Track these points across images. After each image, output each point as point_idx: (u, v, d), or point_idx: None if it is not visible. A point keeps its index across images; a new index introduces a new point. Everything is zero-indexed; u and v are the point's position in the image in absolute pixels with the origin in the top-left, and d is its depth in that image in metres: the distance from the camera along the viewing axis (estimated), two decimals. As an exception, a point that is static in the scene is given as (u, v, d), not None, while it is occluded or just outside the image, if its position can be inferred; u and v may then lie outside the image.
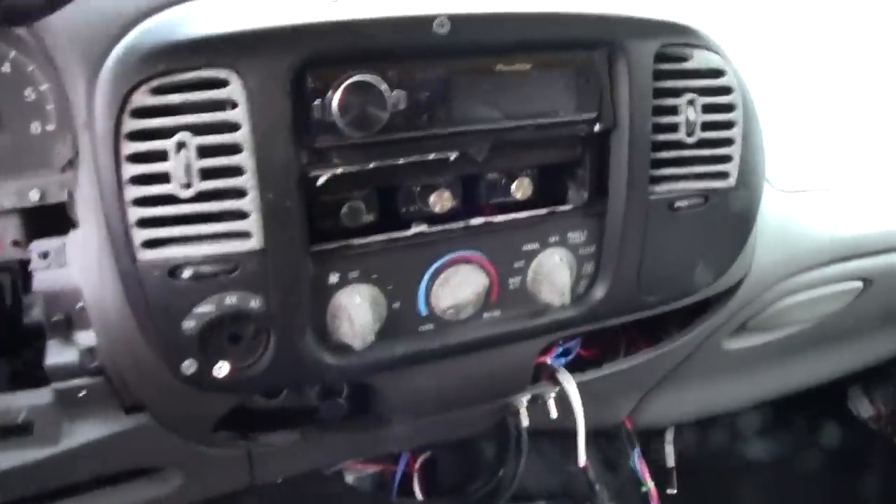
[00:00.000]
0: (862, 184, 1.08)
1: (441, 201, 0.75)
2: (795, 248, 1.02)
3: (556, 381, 1.01)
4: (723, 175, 0.83)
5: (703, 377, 1.20)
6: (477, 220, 0.77)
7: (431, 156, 0.71)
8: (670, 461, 1.38)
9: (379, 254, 0.73)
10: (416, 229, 0.75)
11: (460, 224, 0.76)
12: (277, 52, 0.63)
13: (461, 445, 1.25)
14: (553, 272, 0.78)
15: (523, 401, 1.01)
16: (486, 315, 0.79)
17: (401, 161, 0.70)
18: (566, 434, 1.08)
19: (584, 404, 1.01)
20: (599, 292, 0.82)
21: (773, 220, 0.99)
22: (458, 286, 0.75)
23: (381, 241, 0.73)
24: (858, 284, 1.12)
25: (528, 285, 0.79)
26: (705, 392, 1.25)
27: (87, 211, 0.69)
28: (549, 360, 1.02)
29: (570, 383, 1.00)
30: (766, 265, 1.00)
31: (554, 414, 1.02)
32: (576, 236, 0.80)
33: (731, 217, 0.86)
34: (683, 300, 0.90)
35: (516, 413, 1.03)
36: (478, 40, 0.69)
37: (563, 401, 1.01)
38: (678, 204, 0.81)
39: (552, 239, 0.79)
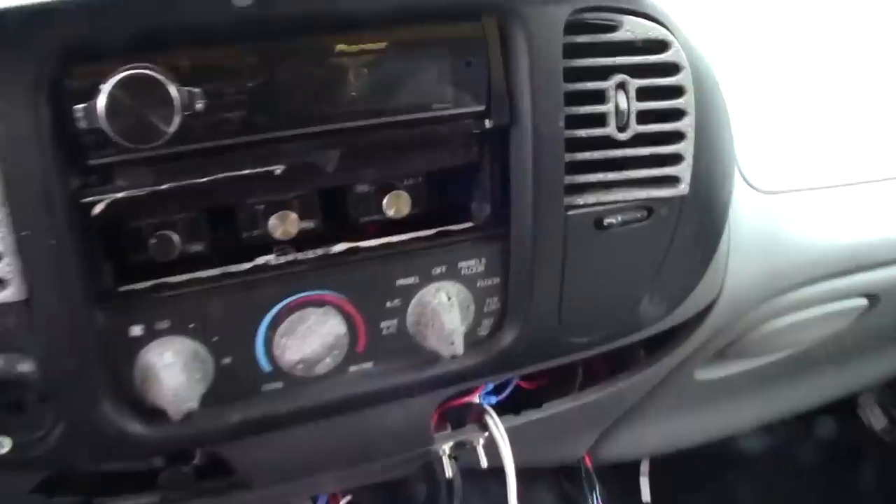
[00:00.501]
0: (863, 180, 0.86)
1: (284, 225, 0.56)
2: (781, 261, 0.82)
3: (484, 425, 0.83)
4: (671, 180, 0.63)
5: (673, 410, 1.01)
6: (338, 248, 0.58)
7: (246, 171, 0.52)
8: (646, 495, 1.20)
9: (198, 297, 0.55)
10: (259, 261, 0.57)
11: (313, 254, 0.58)
12: (16, 45, 0.45)
13: (387, 487, 1.08)
14: (439, 313, 0.59)
15: (445, 448, 0.83)
16: (352, 369, 0.61)
17: (205, 179, 0.51)
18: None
19: (531, 442, 0.84)
20: (509, 336, 0.63)
21: (752, 229, 0.79)
22: (304, 337, 0.57)
23: (201, 280, 0.55)
24: (862, 302, 0.91)
25: (409, 330, 0.61)
26: (676, 424, 1.05)
27: None
28: (476, 398, 0.83)
29: (498, 428, 0.82)
30: (742, 285, 0.80)
31: (484, 463, 0.84)
32: (471, 265, 0.61)
33: (687, 233, 0.67)
34: (625, 340, 0.71)
35: (439, 461, 0.85)
36: (300, 13, 0.50)
37: (493, 446, 0.83)
38: (609, 220, 0.62)
39: (437, 270, 0.60)
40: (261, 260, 0.57)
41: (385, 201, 0.59)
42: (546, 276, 0.61)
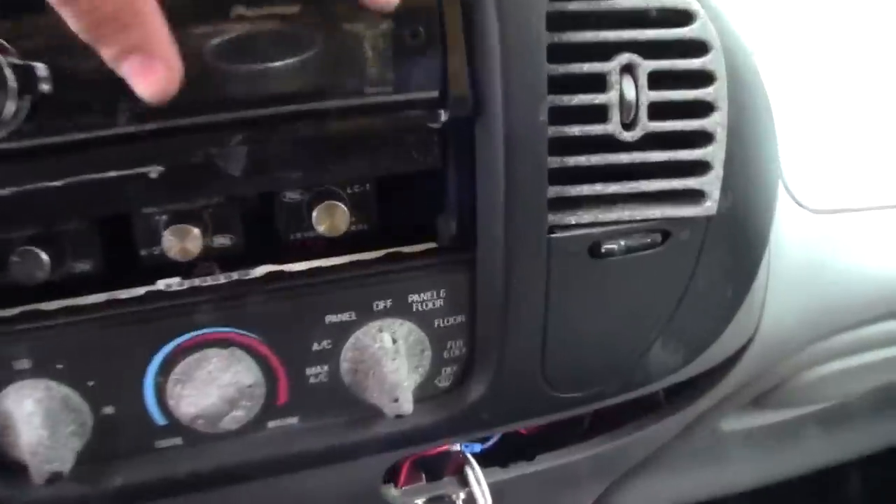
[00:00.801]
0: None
1: (182, 242, 0.43)
2: (832, 296, 0.67)
3: (464, 479, 0.70)
4: (694, 195, 0.49)
5: (695, 459, 0.86)
6: (258, 272, 0.45)
7: (111, 173, 0.39)
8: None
9: (69, 330, 0.43)
10: (160, 285, 0.44)
11: (224, 279, 0.45)
12: None
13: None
14: (380, 360, 0.46)
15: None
16: (271, 424, 0.48)
17: (59, 183, 0.39)
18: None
19: (524, 494, 0.70)
20: (476, 389, 0.50)
21: (797, 256, 0.64)
22: (202, 385, 0.44)
23: (79, 309, 0.43)
24: (930, 346, 0.75)
25: (344, 379, 0.48)
26: (699, 477, 0.90)
27: None
28: (456, 445, 0.70)
29: (481, 486, 0.68)
30: (784, 325, 0.65)
31: (465, 523, 0.70)
32: (426, 299, 0.47)
33: (714, 264, 0.52)
34: (629, 395, 0.56)
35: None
36: None
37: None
38: (609, 246, 0.48)
39: (379, 305, 0.46)
40: (161, 284, 0.44)
41: (315, 215, 0.45)
42: (524, 315, 0.48)
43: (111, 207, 0.42)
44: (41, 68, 0.36)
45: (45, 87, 0.36)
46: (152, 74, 0.32)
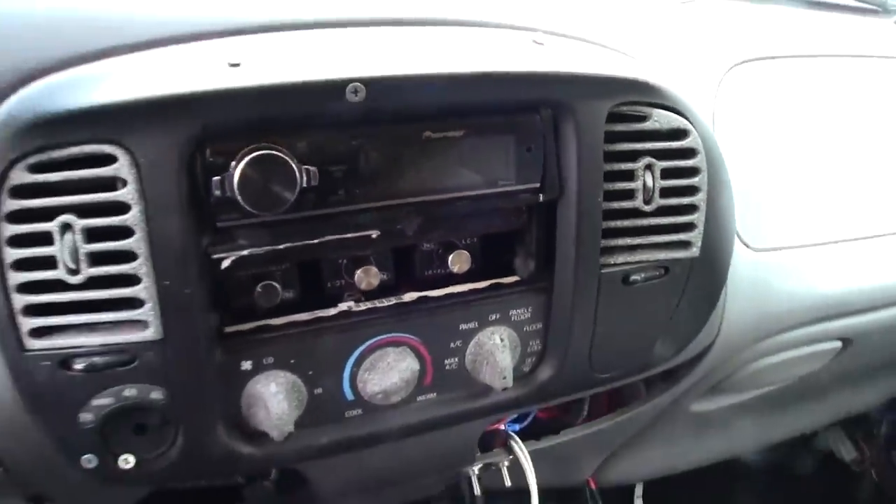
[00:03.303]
0: (840, 239, 1.01)
1: (368, 278, 0.69)
2: (769, 309, 0.97)
3: (509, 449, 0.96)
4: (685, 244, 0.77)
5: (670, 437, 1.15)
6: (409, 297, 0.71)
7: (350, 235, 0.64)
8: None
9: (297, 337, 0.68)
10: (342, 307, 0.69)
11: (389, 302, 0.70)
12: (169, 125, 0.57)
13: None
14: (493, 353, 0.72)
15: (475, 469, 0.96)
16: (420, 398, 0.73)
17: (315, 241, 0.64)
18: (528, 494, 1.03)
19: (544, 466, 0.96)
20: (546, 372, 0.76)
21: (746, 282, 0.94)
22: (384, 372, 0.69)
23: (299, 323, 0.67)
24: (837, 344, 1.06)
25: (467, 366, 0.74)
26: (673, 450, 1.19)
27: None
28: (502, 426, 0.96)
29: (522, 452, 0.95)
30: (736, 329, 0.94)
31: (508, 482, 0.97)
32: (519, 313, 0.74)
33: (695, 288, 0.80)
34: (640, 376, 0.84)
35: (469, 480, 0.98)
36: (399, 106, 0.63)
37: (518, 466, 0.96)
38: (634, 277, 0.76)
39: (493, 316, 0.73)
40: (343, 306, 0.69)
41: (450, 258, 0.71)
42: (581, 323, 0.75)
43: (345, 254, 0.67)
44: (314, 170, 0.61)
45: (314, 181, 0.61)
46: None
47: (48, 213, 0.57)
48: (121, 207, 0.57)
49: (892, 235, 1.07)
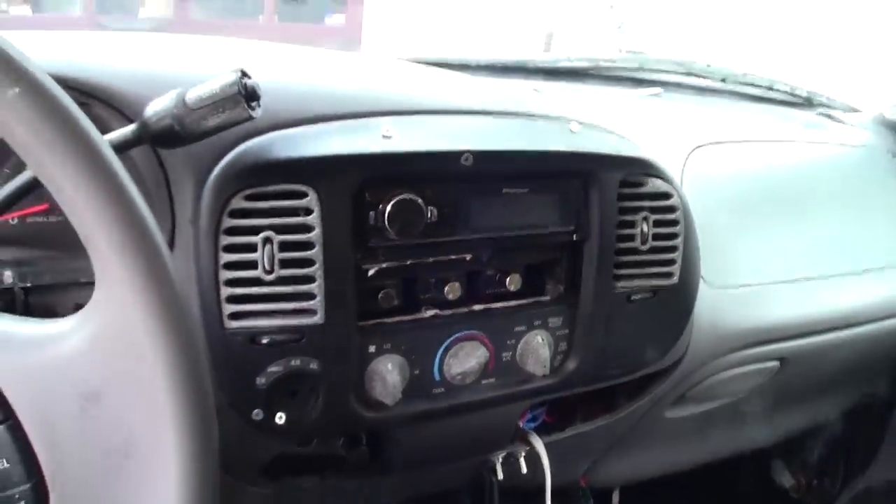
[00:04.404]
0: (778, 281, 1.40)
1: (453, 291, 1.01)
2: (723, 333, 1.33)
3: (527, 442, 1.28)
4: (668, 275, 1.12)
5: (648, 443, 1.48)
6: (478, 307, 1.04)
7: (453, 256, 0.98)
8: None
9: (405, 331, 0.99)
10: (430, 312, 1.01)
11: (466, 309, 1.03)
12: (344, 174, 0.89)
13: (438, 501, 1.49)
14: (537, 349, 1.05)
15: (499, 458, 1.27)
16: (483, 381, 1.05)
17: (430, 259, 0.97)
18: (531, 496, 1.34)
19: (550, 460, 1.28)
20: (571, 365, 1.09)
21: (706, 311, 1.29)
22: (465, 358, 1.01)
23: (407, 321, 0.99)
24: (776, 364, 1.43)
25: (517, 359, 1.06)
26: (650, 455, 1.53)
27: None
28: (521, 424, 1.28)
29: (538, 443, 1.27)
30: (700, 346, 1.29)
31: (524, 470, 1.28)
32: (554, 321, 1.07)
33: (674, 308, 1.16)
34: (637, 373, 1.18)
35: (493, 468, 1.29)
36: (492, 170, 0.97)
37: (530, 460, 1.28)
38: (634, 297, 1.10)
39: (536, 322, 1.06)
40: (434, 311, 1.01)
41: (508, 280, 1.05)
42: (597, 330, 1.08)
43: (446, 271, 0.99)
44: (434, 210, 0.94)
45: (434, 217, 0.94)
46: None
47: (255, 230, 0.86)
48: (307, 228, 0.87)
49: (815, 279, 1.46)
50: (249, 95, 0.75)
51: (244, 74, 0.75)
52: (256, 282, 0.87)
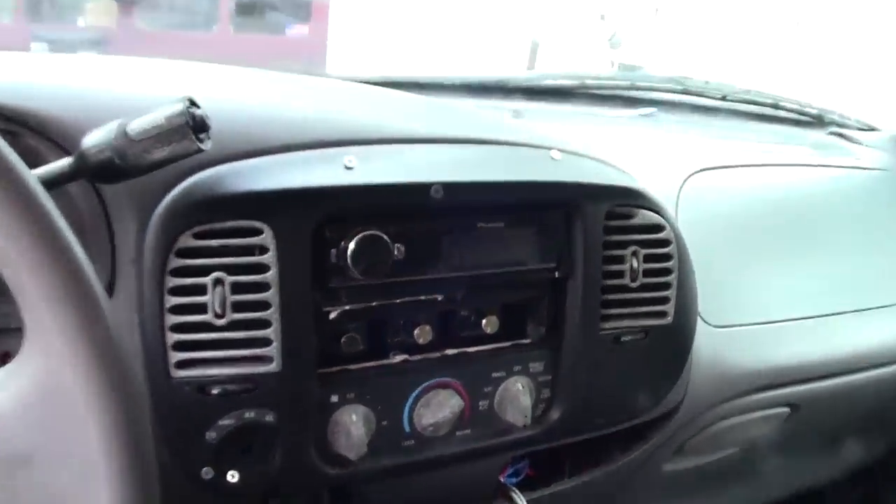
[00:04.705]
0: (785, 319, 1.44)
1: (423, 334, 1.04)
2: (726, 377, 1.36)
3: (508, 499, 1.30)
4: (661, 314, 1.16)
5: (644, 499, 1.51)
6: (452, 351, 1.07)
7: (423, 297, 1.01)
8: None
9: (371, 378, 1.01)
10: (398, 358, 1.04)
11: (438, 354, 1.06)
12: (302, 209, 0.92)
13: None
14: (517, 396, 1.08)
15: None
16: (458, 433, 1.07)
17: (398, 301, 1.00)
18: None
19: None
20: (555, 414, 1.12)
21: (706, 353, 1.33)
22: (437, 407, 1.04)
23: (373, 368, 1.02)
24: (786, 410, 1.47)
25: (495, 407, 1.09)
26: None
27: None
28: (502, 479, 1.31)
29: (521, 500, 1.29)
30: (699, 392, 1.33)
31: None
32: (536, 366, 1.10)
33: (669, 350, 1.19)
34: (628, 422, 1.21)
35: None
36: (464, 203, 1.01)
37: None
38: (623, 338, 1.14)
39: (516, 368, 1.09)
40: (403, 356, 1.05)
41: (484, 321, 1.08)
42: (582, 376, 1.12)
43: (415, 312, 1.03)
44: (401, 247, 0.97)
45: (401, 255, 0.97)
46: None
47: (205, 270, 0.88)
48: (262, 267, 0.90)
49: (828, 316, 1.50)
50: (198, 126, 0.78)
51: (192, 103, 0.79)
52: (206, 327, 0.90)
